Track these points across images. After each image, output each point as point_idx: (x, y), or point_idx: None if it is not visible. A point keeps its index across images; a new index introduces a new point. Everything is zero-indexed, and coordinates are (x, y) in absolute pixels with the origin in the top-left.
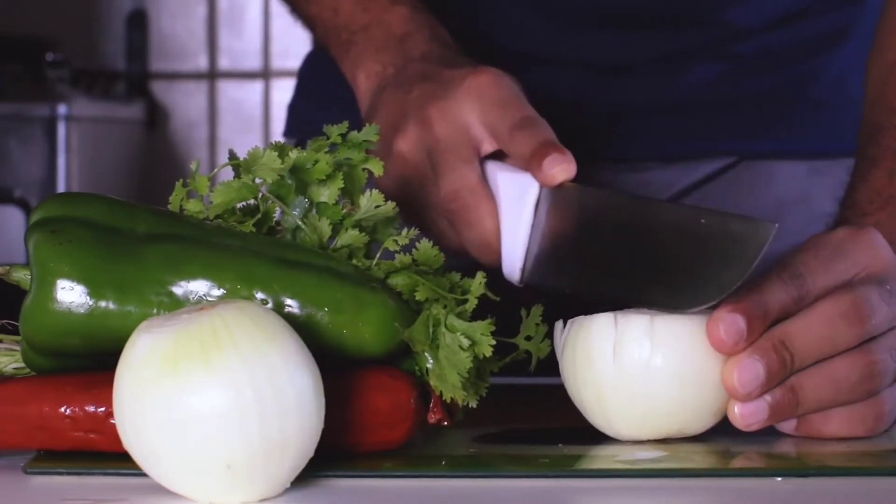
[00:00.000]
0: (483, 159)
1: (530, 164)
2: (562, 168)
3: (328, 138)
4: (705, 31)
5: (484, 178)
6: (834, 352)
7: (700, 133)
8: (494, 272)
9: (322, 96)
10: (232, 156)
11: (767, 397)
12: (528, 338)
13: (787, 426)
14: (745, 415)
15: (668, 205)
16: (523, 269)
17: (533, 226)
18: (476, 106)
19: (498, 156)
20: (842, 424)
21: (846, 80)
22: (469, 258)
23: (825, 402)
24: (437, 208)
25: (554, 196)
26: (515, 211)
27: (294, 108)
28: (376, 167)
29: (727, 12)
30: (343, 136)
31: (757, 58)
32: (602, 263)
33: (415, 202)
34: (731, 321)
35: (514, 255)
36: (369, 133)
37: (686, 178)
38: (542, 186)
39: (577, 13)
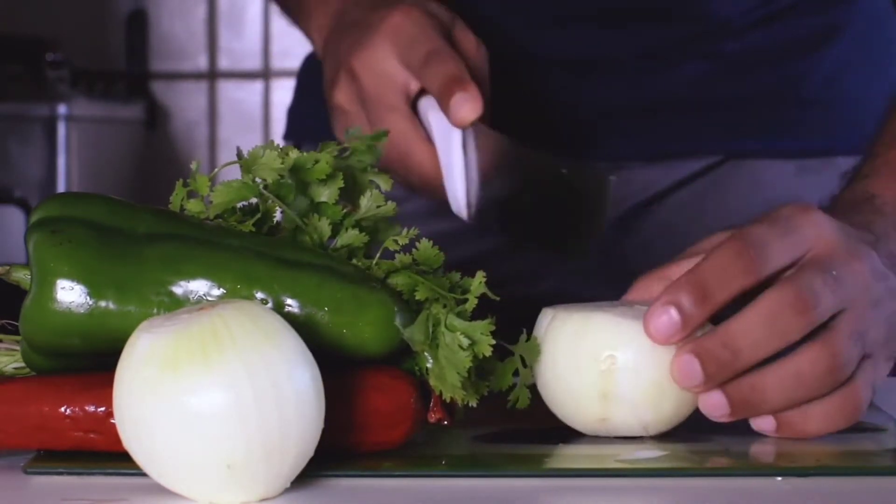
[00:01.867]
0: (417, 98)
1: (440, 105)
2: (469, 107)
3: (339, 143)
4: (688, 25)
5: (418, 118)
6: (784, 344)
7: (686, 132)
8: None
9: (319, 99)
10: (240, 154)
11: (727, 393)
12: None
13: (767, 427)
14: (706, 406)
15: (542, 155)
16: (468, 206)
17: (466, 163)
18: (392, 48)
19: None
20: (822, 421)
21: (837, 80)
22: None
23: (795, 398)
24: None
25: (474, 135)
26: (447, 150)
27: (292, 112)
28: (383, 181)
29: (711, 6)
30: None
31: (744, 56)
32: (511, 206)
33: None
34: (661, 313)
35: (456, 194)
36: (378, 136)
37: (671, 177)
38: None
39: (559, 10)
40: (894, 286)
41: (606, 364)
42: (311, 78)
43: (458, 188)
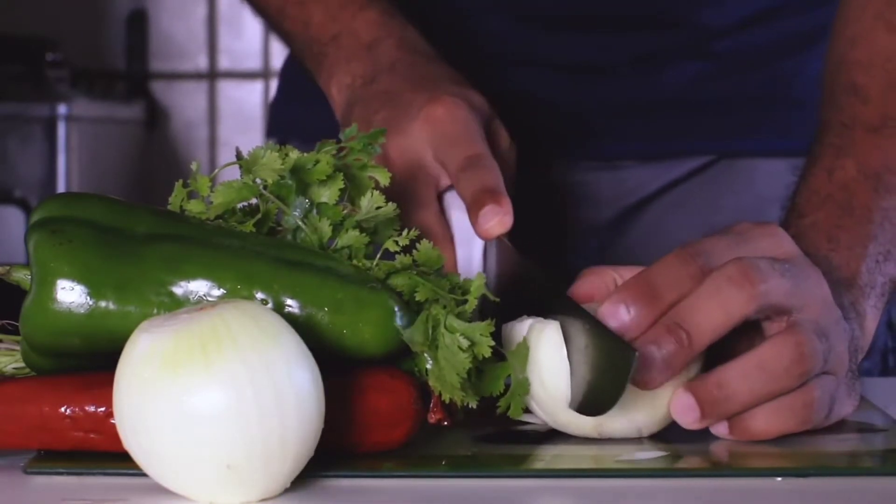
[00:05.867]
0: (444, 192)
1: (469, 212)
2: (497, 221)
3: (338, 142)
4: (681, 31)
5: (443, 212)
6: (729, 321)
7: (679, 132)
8: None
9: (303, 96)
10: (239, 155)
11: (697, 395)
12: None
13: (721, 430)
14: (677, 412)
15: (570, 303)
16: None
17: (486, 267)
18: (430, 141)
19: None
20: (770, 418)
21: None
22: None
23: (758, 392)
24: None
25: (496, 248)
26: (467, 252)
27: (275, 108)
28: (382, 176)
29: (701, 13)
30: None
31: (735, 57)
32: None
33: None
34: (612, 311)
35: None
36: (376, 135)
37: (664, 177)
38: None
39: (553, 16)
40: (844, 321)
41: None
42: (295, 74)
43: None
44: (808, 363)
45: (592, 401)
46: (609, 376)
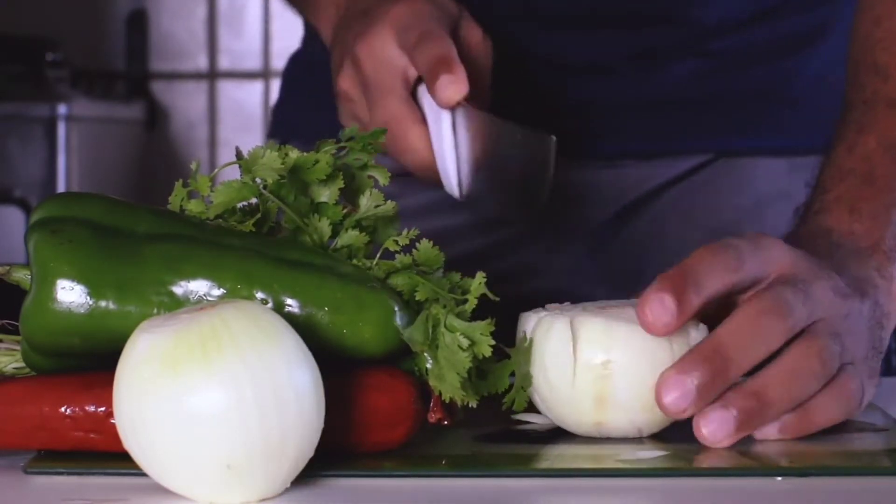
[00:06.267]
0: (417, 83)
1: (427, 85)
2: (454, 89)
3: (338, 141)
4: (677, 29)
5: (416, 103)
6: (767, 350)
7: (677, 131)
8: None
9: (305, 97)
10: (239, 155)
11: (733, 410)
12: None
13: (771, 432)
14: (712, 432)
15: (516, 127)
16: (460, 186)
17: (457, 144)
18: (393, 34)
19: None
20: (820, 414)
21: (826, 78)
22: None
23: (797, 396)
24: None
25: (462, 116)
26: (438, 132)
27: (278, 109)
28: (381, 175)
29: (696, 10)
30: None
31: (734, 55)
32: (496, 180)
33: None
34: (657, 301)
35: (448, 174)
36: (375, 135)
37: (663, 175)
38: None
39: (550, 14)
40: (860, 306)
41: (601, 370)
42: (297, 76)
43: (450, 168)
44: (829, 366)
45: (524, 196)
46: (533, 167)
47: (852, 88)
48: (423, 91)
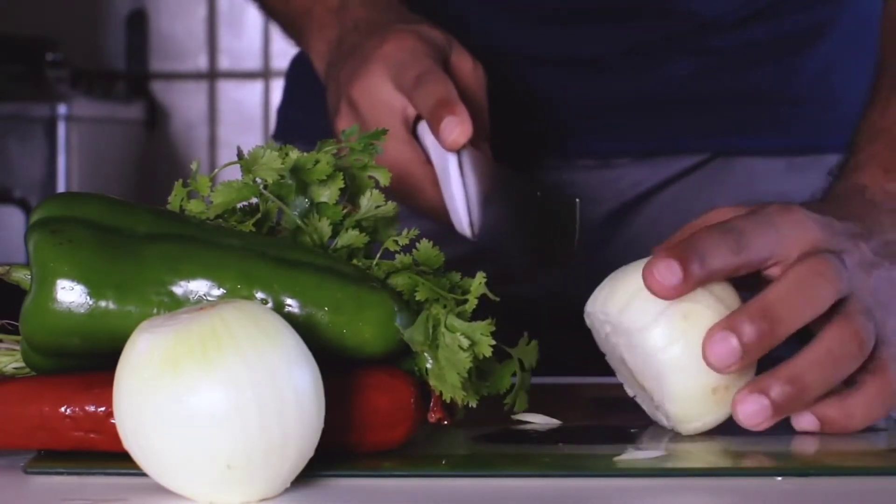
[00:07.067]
0: (416, 122)
1: (431, 129)
2: (459, 131)
3: (339, 141)
4: (674, 22)
5: (418, 144)
6: (813, 314)
7: (674, 129)
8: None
9: (306, 98)
10: (239, 154)
11: (770, 393)
12: (521, 365)
13: (809, 425)
14: (748, 414)
15: (522, 178)
16: (471, 225)
17: (465, 184)
18: (386, 74)
19: None
20: (863, 412)
21: (825, 77)
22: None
23: (832, 379)
24: None
25: (470, 156)
26: (445, 173)
27: (281, 111)
28: (382, 175)
29: (694, 3)
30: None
31: (732, 54)
32: (510, 222)
33: None
34: (664, 265)
35: (458, 215)
36: (376, 135)
37: (659, 175)
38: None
39: (545, 9)
40: (888, 273)
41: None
42: (300, 77)
43: (460, 209)
44: (866, 347)
45: (549, 253)
46: (558, 226)
47: (886, 50)
48: (424, 129)
